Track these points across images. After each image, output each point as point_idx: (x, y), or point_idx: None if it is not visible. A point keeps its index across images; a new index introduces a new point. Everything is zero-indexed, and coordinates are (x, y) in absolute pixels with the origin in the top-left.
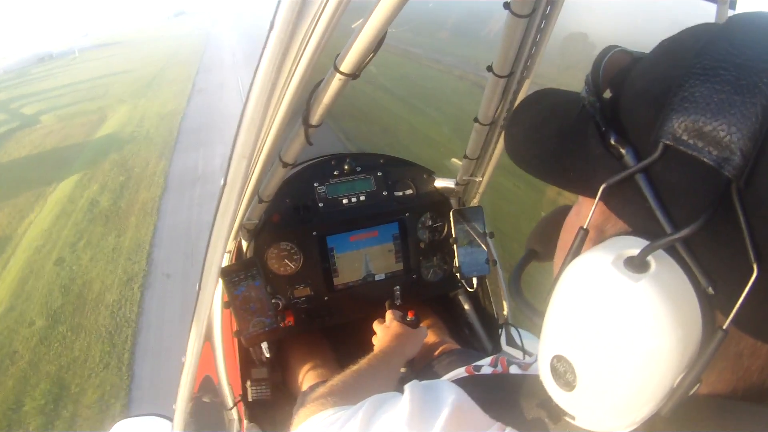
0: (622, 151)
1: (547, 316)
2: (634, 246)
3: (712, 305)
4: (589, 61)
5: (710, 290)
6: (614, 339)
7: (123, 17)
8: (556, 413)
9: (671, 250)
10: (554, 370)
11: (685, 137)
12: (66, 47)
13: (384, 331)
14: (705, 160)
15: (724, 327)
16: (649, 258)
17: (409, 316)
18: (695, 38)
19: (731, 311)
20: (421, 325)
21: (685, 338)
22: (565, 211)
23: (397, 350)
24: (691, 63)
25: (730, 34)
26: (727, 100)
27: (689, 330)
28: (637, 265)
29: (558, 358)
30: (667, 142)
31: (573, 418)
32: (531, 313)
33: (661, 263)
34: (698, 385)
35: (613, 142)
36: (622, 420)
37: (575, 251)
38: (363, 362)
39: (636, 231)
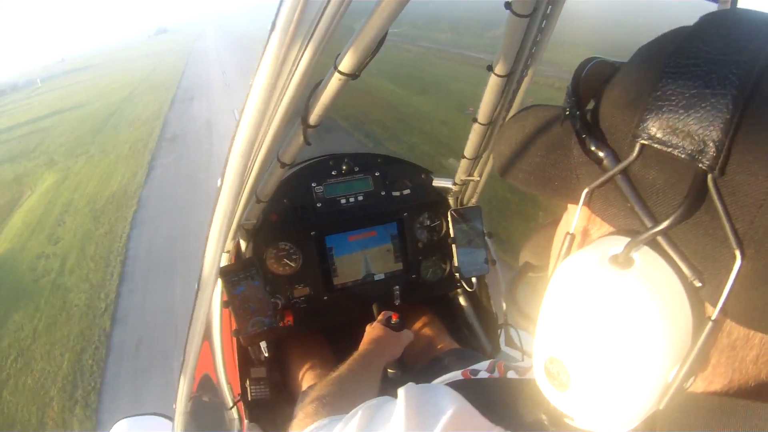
0: (602, 155)
1: (539, 321)
2: (618, 245)
3: (700, 298)
4: None
5: (697, 283)
6: (603, 335)
7: (103, 39)
8: (555, 415)
9: (656, 247)
10: (548, 372)
11: (659, 135)
12: (32, 76)
13: (366, 333)
14: (680, 154)
15: (713, 317)
16: (634, 255)
17: (393, 319)
18: (670, 40)
19: (719, 301)
20: (410, 328)
21: (675, 331)
22: (557, 223)
23: (375, 352)
24: (665, 63)
25: (703, 32)
26: (699, 94)
27: (679, 323)
28: (621, 261)
29: (550, 360)
30: (644, 142)
31: (572, 419)
32: (527, 324)
33: (646, 259)
34: (693, 378)
35: (593, 148)
36: (619, 419)
37: (563, 256)
38: (343, 368)
39: (620, 231)
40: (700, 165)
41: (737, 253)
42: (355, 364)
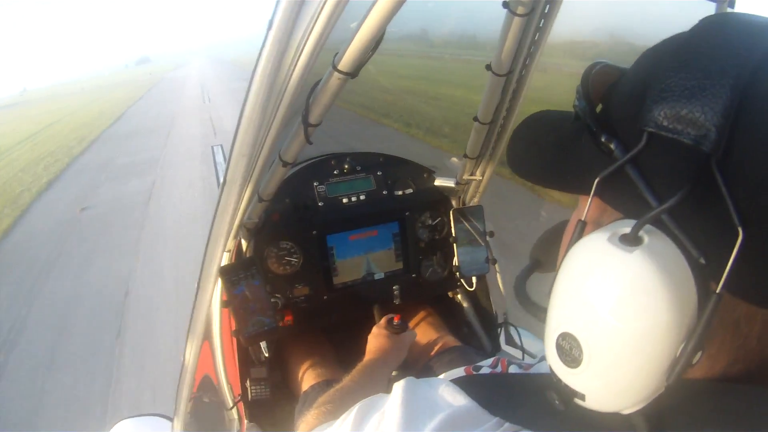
0: (612, 146)
1: (551, 302)
2: (627, 226)
3: (705, 276)
4: None
5: (702, 261)
6: (612, 309)
7: (81, 67)
8: (566, 395)
9: (663, 228)
10: (560, 348)
11: (665, 123)
12: None
13: (369, 341)
14: (684, 140)
15: (717, 290)
16: (643, 234)
17: (395, 320)
18: (672, 42)
19: (722, 277)
20: (410, 327)
21: (681, 306)
22: (565, 224)
23: (379, 363)
24: (668, 60)
25: (702, 31)
26: (699, 85)
27: (685, 299)
28: (630, 239)
29: (563, 336)
30: (651, 130)
31: (583, 397)
32: (537, 313)
33: (654, 238)
34: (700, 353)
35: (603, 140)
36: (628, 395)
37: (573, 240)
38: (346, 380)
39: (629, 216)
40: (704, 148)
41: (740, 230)
42: (359, 376)
